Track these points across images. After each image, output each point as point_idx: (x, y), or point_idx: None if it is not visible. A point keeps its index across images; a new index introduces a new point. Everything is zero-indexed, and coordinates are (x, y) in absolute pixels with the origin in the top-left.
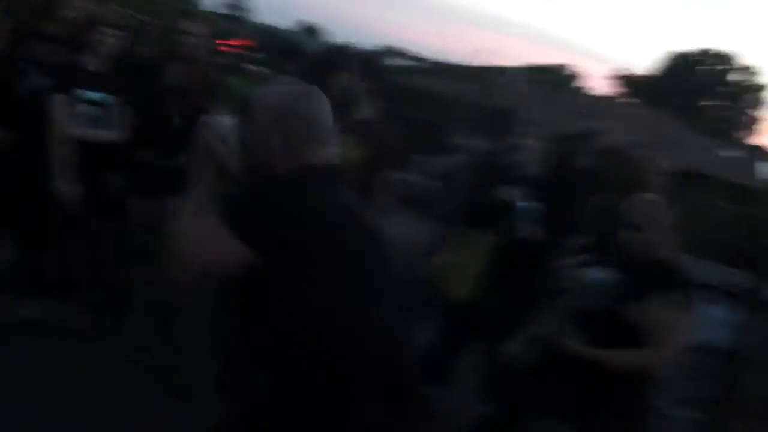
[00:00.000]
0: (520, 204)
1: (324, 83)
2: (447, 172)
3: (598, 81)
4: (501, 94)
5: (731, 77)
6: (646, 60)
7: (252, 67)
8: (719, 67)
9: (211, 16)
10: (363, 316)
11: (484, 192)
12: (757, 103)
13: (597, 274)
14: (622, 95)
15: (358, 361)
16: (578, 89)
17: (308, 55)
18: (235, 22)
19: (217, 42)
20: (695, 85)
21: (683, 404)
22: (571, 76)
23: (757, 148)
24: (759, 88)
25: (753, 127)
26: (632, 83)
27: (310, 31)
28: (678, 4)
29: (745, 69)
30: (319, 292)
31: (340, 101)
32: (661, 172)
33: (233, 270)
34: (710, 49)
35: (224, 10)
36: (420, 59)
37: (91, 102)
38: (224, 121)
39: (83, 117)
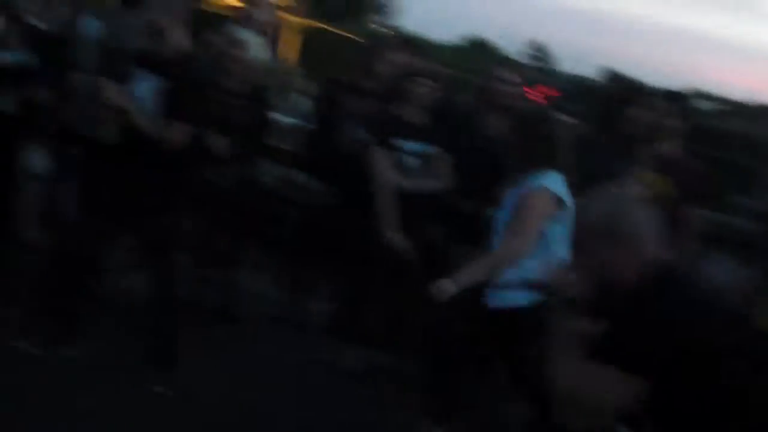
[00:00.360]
0: None
1: (620, 118)
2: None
3: None
4: None
5: None
6: None
7: (563, 117)
8: None
9: (518, 65)
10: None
11: None
12: None
13: None
14: None
15: None
16: None
17: (605, 92)
18: (538, 71)
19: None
20: None
21: None
22: None
23: None
24: None
25: None
26: None
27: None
28: None
29: None
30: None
31: (640, 136)
32: None
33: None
34: None
35: (527, 59)
36: (728, 101)
37: (411, 153)
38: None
39: (404, 168)
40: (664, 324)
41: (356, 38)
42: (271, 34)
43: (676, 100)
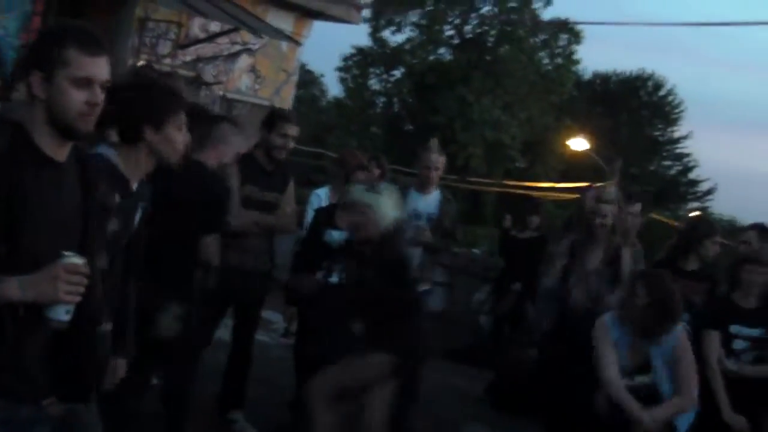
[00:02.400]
0: None
1: None
2: None
3: None
4: None
5: None
6: None
7: None
8: None
9: None
10: None
11: None
12: None
13: None
14: None
15: None
16: None
17: None
18: None
19: None
20: None
21: None
22: None
23: None
24: None
25: None
26: None
27: None
28: None
29: None
30: None
31: None
32: None
33: None
34: None
35: None
36: None
37: (747, 338)
38: None
39: (737, 353)
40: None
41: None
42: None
43: None
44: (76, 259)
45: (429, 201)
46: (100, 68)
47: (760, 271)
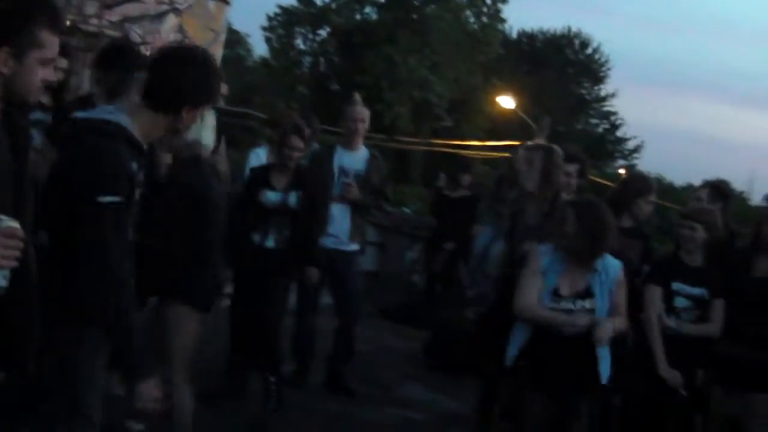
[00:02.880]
0: None
1: None
2: None
3: None
4: None
5: None
6: None
7: None
8: None
9: None
10: None
11: None
12: None
13: None
14: None
15: None
16: None
17: None
18: None
19: None
20: None
21: None
22: None
23: None
24: None
25: None
26: None
27: None
28: None
29: None
30: None
31: None
32: None
33: None
34: None
35: None
36: None
37: (689, 296)
38: None
39: (678, 311)
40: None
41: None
42: None
43: None
44: (11, 223)
45: (356, 158)
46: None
47: (696, 228)
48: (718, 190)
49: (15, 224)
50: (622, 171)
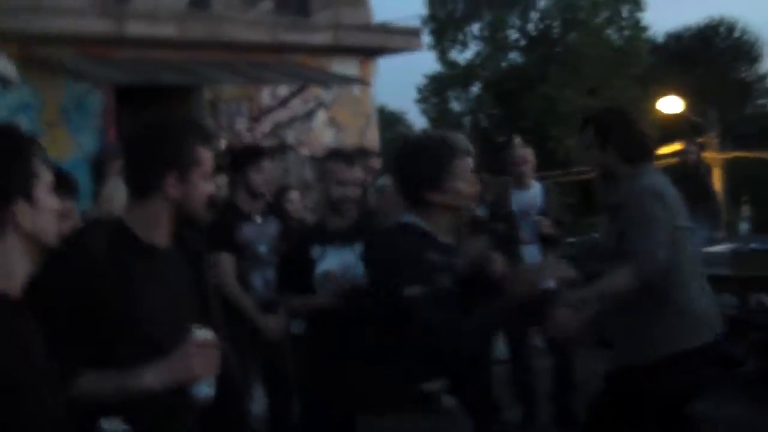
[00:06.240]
0: None
1: None
2: None
3: None
4: None
5: None
6: None
7: None
8: None
9: None
10: None
11: None
12: None
13: None
14: None
15: None
16: None
17: None
18: None
19: None
20: None
21: None
22: None
23: None
24: None
25: None
26: None
27: None
28: None
29: None
30: None
31: None
32: None
33: None
34: None
35: None
36: None
37: None
38: None
39: None
40: None
41: None
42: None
43: None
44: (205, 333)
45: (532, 195)
46: None
47: None
48: None
49: (207, 333)
50: None
